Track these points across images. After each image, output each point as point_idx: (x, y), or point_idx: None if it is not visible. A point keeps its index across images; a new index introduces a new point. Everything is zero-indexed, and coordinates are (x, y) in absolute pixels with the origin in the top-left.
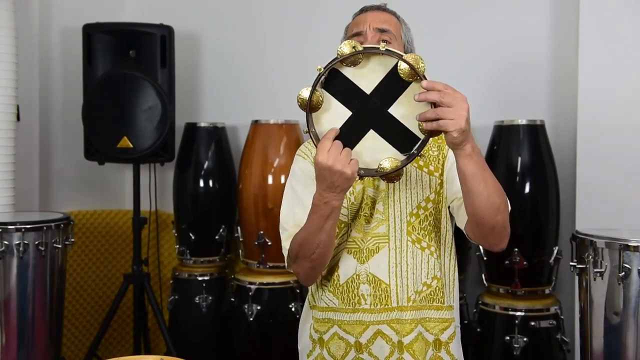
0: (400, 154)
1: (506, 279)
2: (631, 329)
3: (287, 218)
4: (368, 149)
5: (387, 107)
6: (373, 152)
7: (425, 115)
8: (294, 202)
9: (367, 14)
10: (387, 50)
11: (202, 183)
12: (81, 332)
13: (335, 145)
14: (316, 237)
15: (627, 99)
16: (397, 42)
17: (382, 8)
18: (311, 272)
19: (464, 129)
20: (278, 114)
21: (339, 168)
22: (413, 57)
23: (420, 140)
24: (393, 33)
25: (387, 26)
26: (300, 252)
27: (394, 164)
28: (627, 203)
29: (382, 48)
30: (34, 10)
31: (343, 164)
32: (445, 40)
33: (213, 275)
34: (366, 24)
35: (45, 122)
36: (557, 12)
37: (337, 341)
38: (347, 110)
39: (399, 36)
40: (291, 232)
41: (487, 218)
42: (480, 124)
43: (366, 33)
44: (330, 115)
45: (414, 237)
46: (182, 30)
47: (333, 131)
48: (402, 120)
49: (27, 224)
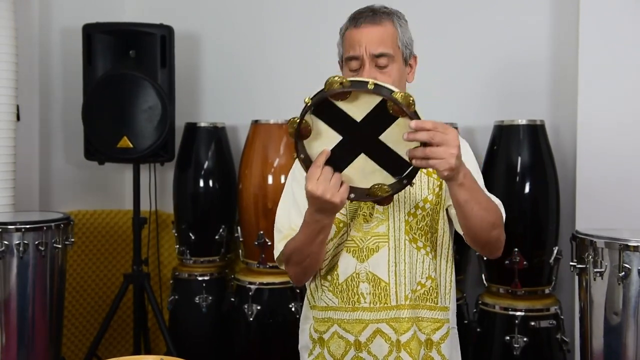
0: (392, 177)
1: (506, 279)
2: (631, 329)
3: (283, 220)
4: (359, 171)
5: (378, 134)
6: (364, 174)
7: (414, 153)
8: (291, 205)
9: (362, 31)
10: (376, 86)
11: (202, 183)
12: (81, 332)
13: (324, 172)
14: (307, 248)
15: (627, 99)
16: (395, 63)
17: (375, 16)
18: (302, 276)
19: (454, 167)
20: (278, 114)
21: (328, 197)
22: (403, 96)
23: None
24: (391, 53)
25: (384, 48)
26: (292, 258)
27: (385, 190)
28: (627, 203)
29: (371, 85)
30: (34, 10)
31: (332, 192)
32: (445, 40)
33: (213, 275)
34: (362, 47)
35: (45, 122)
36: (557, 12)
37: (337, 340)
38: (338, 135)
39: (397, 47)
40: (285, 234)
41: (483, 235)
42: (480, 124)
43: (363, 59)
44: (322, 140)
45: (411, 237)
46: (182, 30)
47: (323, 155)
48: (393, 147)
49: (27, 224)
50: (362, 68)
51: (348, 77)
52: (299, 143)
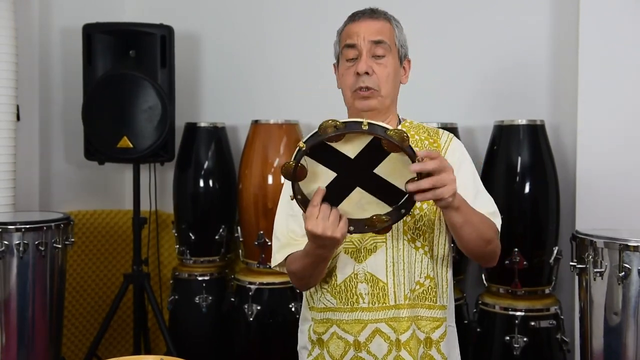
0: (388, 207)
1: (506, 279)
2: (631, 329)
3: (282, 229)
4: (355, 203)
5: (372, 168)
6: (360, 205)
7: (420, 185)
8: (289, 213)
9: (360, 24)
10: (370, 125)
11: (202, 183)
12: (81, 332)
13: (322, 210)
14: (309, 271)
15: (627, 99)
16: (391, 54)
17: (374, 14)
18: (304, 288)
19: (455, 191)
20: (278, 114)
21: (329, 234)
22: (396, 133)
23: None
24: (387, 43)
25: (381, 37)
26: (294, 273)
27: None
28: (627, 203)
29: (365, 126)
30: (34, 10)
31: (332, 229)
32: (445, 40)
33: (213, 275)
34: (360, 37)
35: (45, 122)
36: (557, 12)
37: (336, 341)
38: (333, 172)
39: (393, 43)
40: (283, 242)
41: (478, 252)
42: (480, 124)
43: (360, 47)
44: (316, 179)
45: (410, 237)
46: (182, 30)
47: (319, 194)
48: (387, 178)
49: (27, 224)
50: (359, 58)
51: (340, 120)
52: (296, 185)
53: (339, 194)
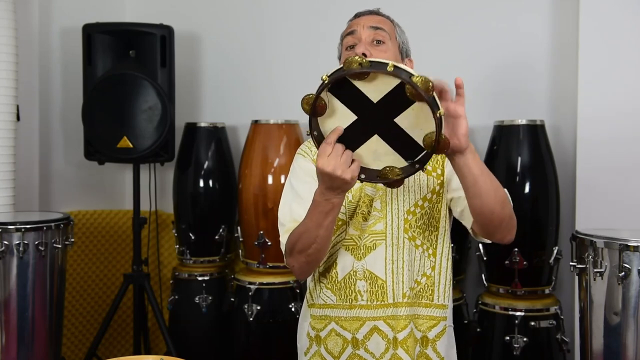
0: (404, 161)
1: (506, 279)
2: (631, 329)
3: (285, 213)
4: (371, 152)
5: (394, 117)
6: (376, 155)
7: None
8: (292, 197)
9: (362, 18)
10: (396, 68)
11: (202, 183)
12: (81, 332)
13: (336, 149)
14: (314, 232)
15: (627, 99)
16: (391, 42)
17: (375, 12)
18: (306, 267)
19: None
20: (278, 114)
21: (339, 174)
22: (422, 80)
23: (424, 150)
24: (387, 32)
25: (382, 25)
26: (297, 245)
27: (397, 173)
28: (627, 203)
29: (390, 67)
30: (34, 10)
31: (343, 169)
32: (445, 41)
33: (213, 275)
34: (359, 25)
35: (45, 122)
36: (557, 12)
37: (334, 338)
38: (353, 114)
39: (394, 36)
40: (288, 227)
41: (497, 212)
42: (480, 124)
43: (359, 32)
44: (336, 118)
45: (410, 235)
46: (182, 30)
47: (336, 132)
48: (407, 131)
49: (27, 224)
50: (358, 43)
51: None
52: (313, 120)
53: (356, 139)
